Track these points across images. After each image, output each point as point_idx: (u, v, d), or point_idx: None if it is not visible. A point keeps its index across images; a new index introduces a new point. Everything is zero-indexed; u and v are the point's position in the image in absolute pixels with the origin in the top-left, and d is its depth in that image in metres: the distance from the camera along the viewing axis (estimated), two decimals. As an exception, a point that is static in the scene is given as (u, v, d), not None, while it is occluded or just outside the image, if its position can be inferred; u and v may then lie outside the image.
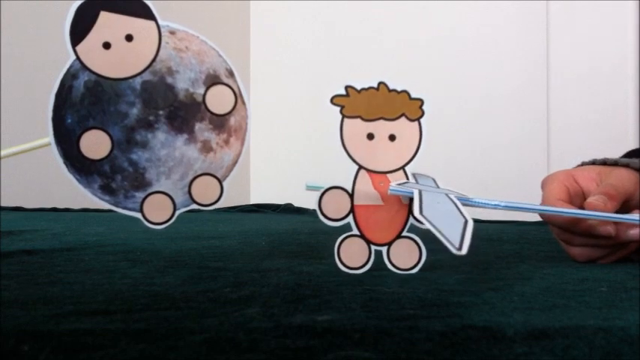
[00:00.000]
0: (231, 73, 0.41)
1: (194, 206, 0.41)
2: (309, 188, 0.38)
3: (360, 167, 0.38)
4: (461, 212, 0.34)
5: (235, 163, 0.42)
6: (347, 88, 0.37)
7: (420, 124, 0.38)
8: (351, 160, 0.38)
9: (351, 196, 0.37)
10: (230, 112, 0.40)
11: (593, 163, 0.50)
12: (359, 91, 0.37)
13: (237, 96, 0.40)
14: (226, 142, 0.40)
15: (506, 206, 0.37)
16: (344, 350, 0.22)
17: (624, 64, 1.17)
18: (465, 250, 0.31)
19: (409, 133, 0.38)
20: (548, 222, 0.46)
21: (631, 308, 0.28)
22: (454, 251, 0.31)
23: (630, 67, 1.17)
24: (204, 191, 0.40)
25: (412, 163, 0.38)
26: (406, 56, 1.41)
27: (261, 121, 1.53)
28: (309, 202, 1.37)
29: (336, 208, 0.37)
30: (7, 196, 1.12)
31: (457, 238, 0.32)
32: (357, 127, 0.37)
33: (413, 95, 0.38)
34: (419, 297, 0.30)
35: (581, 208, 0.44)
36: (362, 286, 0.33)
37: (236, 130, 0.41)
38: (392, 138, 0.38)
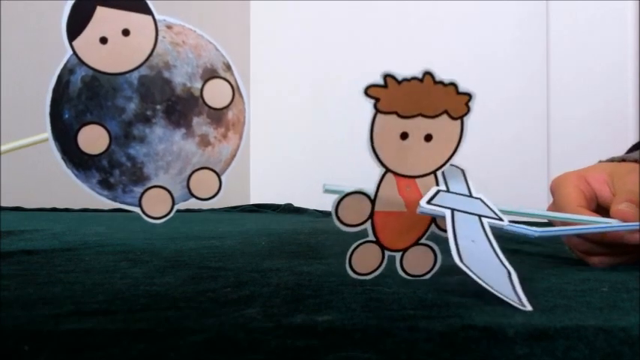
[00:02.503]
0: (228, 67, 0.41)
1: (193, 200, 0.41)
2: (327, 191, 0.34)
3: (387, 170, 0.33)
4: (501, 260, 0.31)
5: (234, 156, 0.42)
6: (386, 77, 0.31)
7: (462, 123, 0.33)
8: (377, 163, 0.33)
9: (373, 201, 0.33)
10: (228, 106, 0.40)
11: (612, 161, 0.48)
12: (399, 82, 0.31)
13: (235, 89, 0.40)
14: (224, 135, 0.40)
15: (540, 235, 0.34)
16: (344, 350, 0.22)
17: (624, 64, 1.17)
18: (529, 306, 0.28)
19: (448, 133, 0.33)
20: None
21: (632, 309, 0.28)
22: (522, 308, 0.28)
23: (630, 67, 1.17)
24: (203, 185, 0.40)
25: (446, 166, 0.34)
26: (406, 56, 1.41)
27: (261, 121, 1.53)
28: (309, 202, 1.37)
29: (355, 214, 0.33)
30: (7, 196, 1.12)
31: (513, 294, 0.29)
32: (391, 125, 0.32)
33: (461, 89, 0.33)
34: (419, 297, 0.30)
35: (596, 212, 0.43)
36: (362, 287, 0.33)
37: (234, 124, 0.41)
38: (428, 138, 0.33)
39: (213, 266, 0.42)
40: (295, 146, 1.63)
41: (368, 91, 0.31)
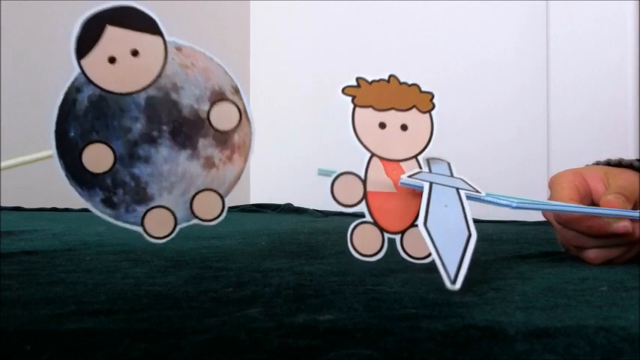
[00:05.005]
0: (236, 90, 0.41)
1: (195, 221, 0.41)
2: (322, 173, 0.38)
3: (373, 155, 0.37)
4: (467, 223, 0.33)
5: (238, 179, 0.42)
6: (358, 79, 0.37)
7: (431, 116, 0.38)
8: (362, 148, 0.37)
9: (364, 182, 0.37)
10: (234, 129, 0.40)
11: (597, 164, 0.50)
12: (370, 83, 0.37)
13: (242, 113, 0.40)
14: (229, 158, 0.40)
15: (518, 205, 0.36)
16: (346, 349, 0.22)
17: (624, 65, 1.17)
18: (459, 285, 0.30)
19: (421, 124, 0.38)
20: (560, 223, 0.45)
21: (631, 307, 0.28)
22: (448, 285, 0.30)
23: (630, 67, 1.17)
24: (206, 207, 0.40)
25: (425, 152, 0.38)
26: (406, 56, 1.41)
27: (261, 121, 1.53)
28: (309, 202, 1.36)
29: (348, 193, 0.37)
30: (7, 196, 1.12)
31: (453, 267, 0.31)
32: (368, 116, 0.37)
33: (423, 89, 0.38)
34: (421, 297, 0.30)
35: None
36: (364, 286, 0.33)
37: (239, 147, 0.41)
38: (404, 128, 0.38)
39: (215, 266, 0.42)
40: (295, 146, 1.63)
41: (344, 91, 0.37)
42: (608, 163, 0.49)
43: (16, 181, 1.15)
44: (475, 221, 0.35)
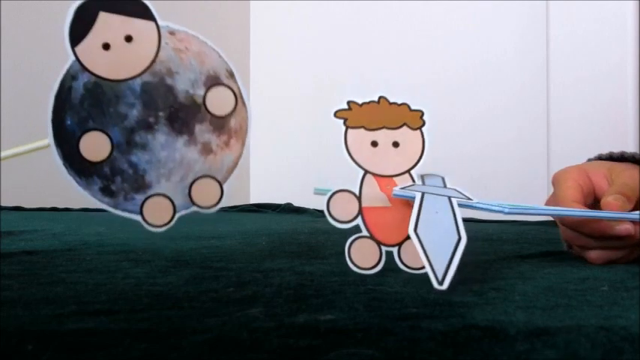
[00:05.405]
0: (231, 74, 0.40)
1: (194, 209, 0.41)
2: (317, 192, 0.39)
3: (366, 172, 0.38)
4: (457, 227, 0.34)
5: (236, 165, 0.41)
6: (349, 102, 0.38)
7: (422, 132, 0.39)
8: (357, 166, 0.38)
9: (359, 198, 0.38)
10: (230, 114, 0.40)
11: (599, 158, 0.50)
12: (360, 105, 0.38)
13: (238, 97, 0.40)
14: (227, 143, 0.40)
15: (510, 211, 0.36)
16: (347, 349, 0.22)
17: (624, 65, 1.17)
18: (446, 286, 0.31)
19: (412, 140, 0.39)
20: (560, 223, 0.45)
21: (632, 307, 0.28)
22: (435, 285, 0.31)
23: (630, 67, 1.17)
24: (204, 194, 0.40)
25: (418, 167, 0.39)
26: (406, 56, 1.41)
27: (261, 121, 1.53)
28: (309, 202, 1.36)
29: (344, 210, 0.37)
30: (7, 196, 1.12)
31: (441, 269, 0.31)
32: (360, 136, 0.38)
33: (413, 107, 0.39)
34: (421, 297, 0.31)
35: (592, 206, 0.44)
36: (365, 286, 0.33)
37: (236, 132, 0.41)
38: (396, 145, 0.39)
39: (215, 266, 0.42)
40: (295, 146, 1.63)
41: (336, 115, 0.38)
42: (611, 157, 0.49)
43: (16, 181, 1.15)
44: (476, 221, 0.35)
